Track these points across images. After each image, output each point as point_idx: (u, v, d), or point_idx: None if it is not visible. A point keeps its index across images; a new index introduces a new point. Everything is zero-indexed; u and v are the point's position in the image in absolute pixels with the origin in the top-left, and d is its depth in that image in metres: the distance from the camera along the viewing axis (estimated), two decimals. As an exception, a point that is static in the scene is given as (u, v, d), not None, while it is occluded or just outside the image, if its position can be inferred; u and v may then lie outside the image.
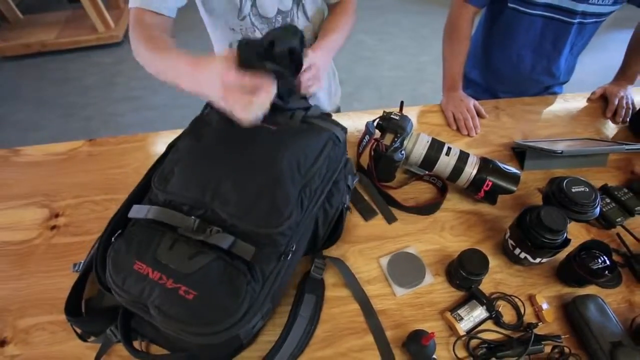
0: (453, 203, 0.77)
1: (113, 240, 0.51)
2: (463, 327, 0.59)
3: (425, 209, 0.75)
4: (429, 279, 0.66)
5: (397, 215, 0.75)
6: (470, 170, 0.72)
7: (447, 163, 0.73)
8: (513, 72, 1.08)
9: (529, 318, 0.62)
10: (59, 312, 0.59)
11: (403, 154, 0.73)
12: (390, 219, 0.74)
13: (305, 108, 0.62)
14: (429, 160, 0.74)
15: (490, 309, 0.60)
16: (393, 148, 0.71)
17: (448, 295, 0.64)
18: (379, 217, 0.75)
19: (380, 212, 0.76)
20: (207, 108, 0.64)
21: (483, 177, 0.71)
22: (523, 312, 0.62)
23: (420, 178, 0.80)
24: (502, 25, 1.02)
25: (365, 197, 0.78)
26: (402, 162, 0.75)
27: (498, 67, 1.10)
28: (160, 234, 0.49)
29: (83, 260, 0.64)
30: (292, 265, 0.57)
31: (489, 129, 0.94)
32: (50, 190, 0.80)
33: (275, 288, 0.52)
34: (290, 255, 0.53)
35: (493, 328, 0.60)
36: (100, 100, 2.37)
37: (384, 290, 0.65)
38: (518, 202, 0.77)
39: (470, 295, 0.62)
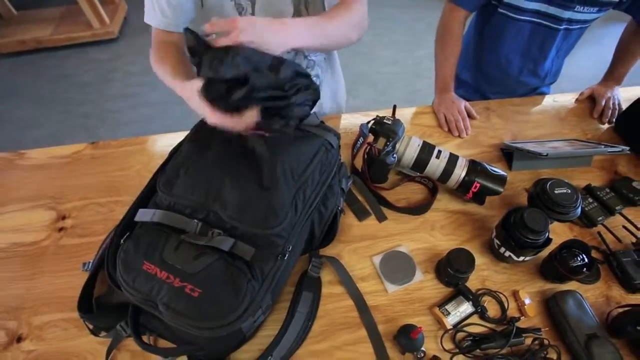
0: (443, 203, 0.81)
1: (122, 242, 0.54)
2: (450, 321, 0.63)
3: (417, 209, 0.79)
4: (419, 276, 0.70)
5: (389, 215, 0.78)
6: (460, 172, 0.75)
7: (437, 165, 0.76)
8: (501, 74, 1.11)
9: (513, 312, 0.66)
10: (70, 309, 0.62)
11: (395, 157, 0.76)
12: (381, 218, 0.78)
13: (302, 117, 0.64)
14: (420, 163, 0.77)
15: (476, 304, 0.64)
16: (385, 152, 0.73)
17: (437, 292, 0.68)
18: (373, 217, 0.78)
19: (372, 211, 0.79)
20: None
21: (472, 179, 0.74)
22: (507, 307, 0.66)
23: (412, 179, 0.83)
24: (492, 29, 1.05)
25: (359, 198, 0.81)
26: (394, 165, 0.78)
27: (487, 69, 1.13)
28: (166, 236, 0.53)
29: (92, 260, 0.67)
30: (290, 264, 0.60)
31: (480, 130, 0.96)
32: (56, 193, 0.82)
33: (274, 285, 0.56)
34: (287, 255, 0.57)
35: (478, 322, 0.64)
36: (98, 97, 2.38)
37: (377, 287, 0.69)
38: (505, 202, 0.81)
39: (458, 292, 0.66)
